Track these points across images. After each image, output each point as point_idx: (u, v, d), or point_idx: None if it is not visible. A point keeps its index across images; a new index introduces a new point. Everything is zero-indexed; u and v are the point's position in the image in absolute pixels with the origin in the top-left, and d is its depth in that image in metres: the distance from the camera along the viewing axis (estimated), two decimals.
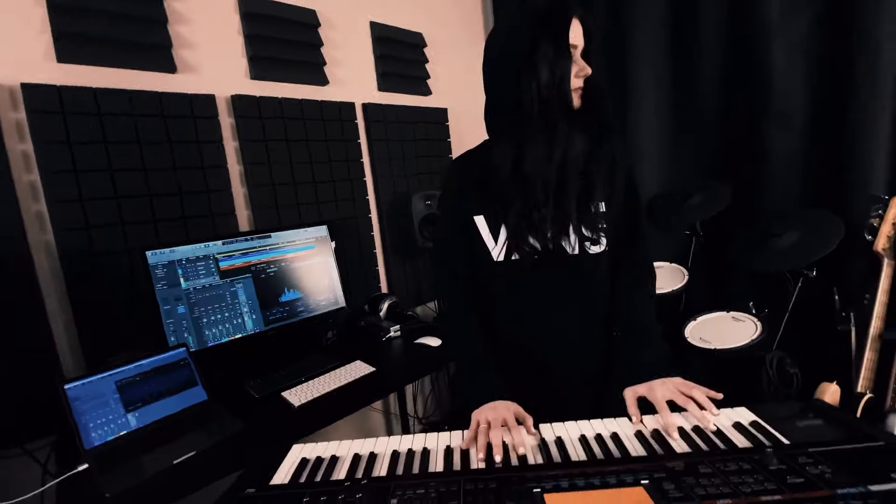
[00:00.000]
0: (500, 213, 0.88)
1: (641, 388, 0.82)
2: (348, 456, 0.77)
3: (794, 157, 1.68)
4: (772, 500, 0.54)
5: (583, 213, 0.86)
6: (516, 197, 0.86)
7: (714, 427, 0.72)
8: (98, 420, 1.14)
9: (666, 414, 0.76)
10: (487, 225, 0.91)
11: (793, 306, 1.59)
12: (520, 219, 0.86)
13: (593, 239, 0.88)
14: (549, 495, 0.59)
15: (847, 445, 0.63)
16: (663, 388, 0.80)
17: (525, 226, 0.86)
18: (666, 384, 0.81)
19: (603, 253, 0.91)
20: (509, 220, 0.87)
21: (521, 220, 0.86)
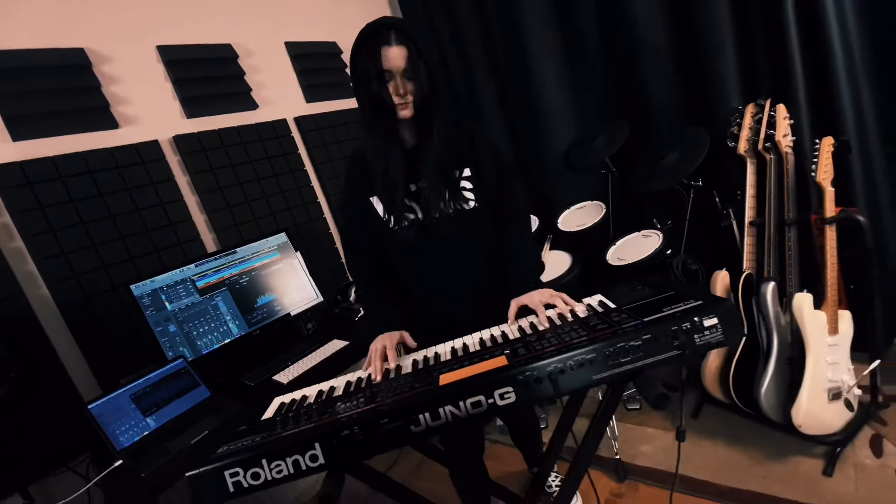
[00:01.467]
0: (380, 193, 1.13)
1: (523, 298, 1.06)
2: (314, 393, 1.02)
3: (669, 85, 1.94)
4: (579, 340, 0.80)
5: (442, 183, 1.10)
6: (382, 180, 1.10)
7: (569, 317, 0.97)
8: (122, 427, 1.37)
9: (541, 311, 1.01)
10: (381, 203, 1.15)
11: (690, 215, 1.86)
12: (391, 195, 1.11)
13: (462, 199, 1.12)
14: (443, 375, 0.84)
15: (647, 300, 0.89)
16: (539, 295, 1.04)
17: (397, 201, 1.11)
18: (541, 293, 1.05)
19: (476, 209, 1.14)
20: (384, 197, 1.12)
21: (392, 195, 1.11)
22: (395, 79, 1.01)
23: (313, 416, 0.85)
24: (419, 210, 1.12)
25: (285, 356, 1.74)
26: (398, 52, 0.99)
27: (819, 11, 1.53)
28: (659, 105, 1.98)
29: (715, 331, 0.76)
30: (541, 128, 2.35)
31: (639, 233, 1.94)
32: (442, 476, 1.39)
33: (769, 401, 1.53)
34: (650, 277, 1.04)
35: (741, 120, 1.68)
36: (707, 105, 1.85)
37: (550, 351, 0.79)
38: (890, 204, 1.69)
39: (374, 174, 1.11)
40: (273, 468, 0.77)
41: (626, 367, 0.75)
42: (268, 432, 0.84)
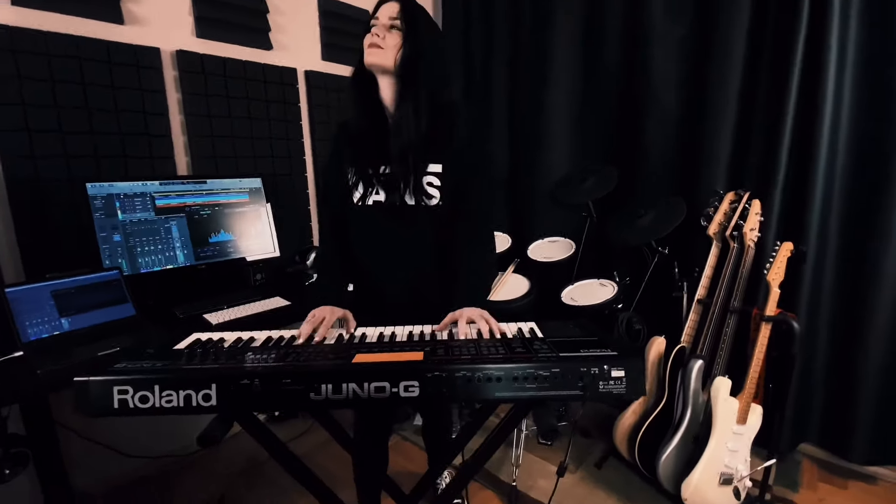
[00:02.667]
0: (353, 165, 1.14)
1: (456, 313, 1.04)
2: (233, 338, 1.01)
3: (665, 149, 2.01)
4: (495, 357, 0.82)
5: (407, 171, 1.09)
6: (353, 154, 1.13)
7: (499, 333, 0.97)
8: (34, 320, 1.33)
9: (462, 324, 1.00)
10: (353, 174, 1.15)
11: (648, 277, 1.92)
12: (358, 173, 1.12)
13: (425, 193, 1.10)
14: (359, 354, 0.85)
15: (572, 338, 0.92)
16: (469, 312, 1.03)
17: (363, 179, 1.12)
18: (473, 311, 1.03)
19: (437, 206, 1.11)
20: (352, 173, 1.14)
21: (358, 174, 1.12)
22: (378, 26, 1.06)
23: (220, 359, 0.84)
24: (383, 192, 1.13)
25: (223, 299, 1.71)
26: (391, 6, 1.06)
27: (816, 128, 1.62)
28: (652, 165, 2.05)
29: (619, 382, 0.79)
30: (539, 154, 2.39)
31: (597, 280, 2.00)
32: (344, 460, 1.39)
33: (666, 470, 1.59)
34: (585, 320, 1.07)
35: (719, 203, 1.75)
36: (694, 179, 1.93)
37: (465, 359, 0.81)
38: (828, 318, 1.79)
39: (353, 145, 1.13)
40: (164, 396, 0.76)
41: (529, 392, 0.78)
42: (171, 361, 0.83)
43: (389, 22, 1.06)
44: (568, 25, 2.20)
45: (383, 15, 1.06)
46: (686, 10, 1.89)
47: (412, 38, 1.06)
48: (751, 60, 1.77)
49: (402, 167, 1.09)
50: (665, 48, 1.93)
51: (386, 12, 1.06)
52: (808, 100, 1.64)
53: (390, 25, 1.06)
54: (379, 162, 1.12)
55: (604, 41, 2.13)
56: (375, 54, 1.05)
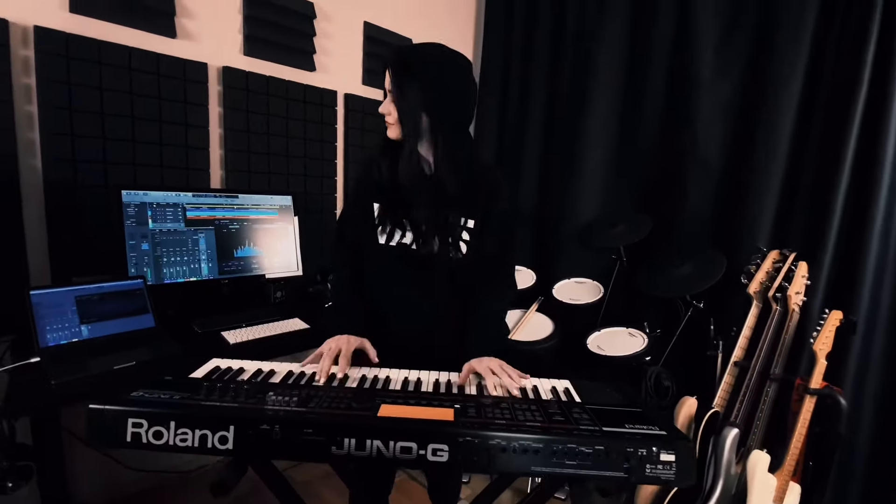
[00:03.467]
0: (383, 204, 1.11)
1: (474, 363, 1.00)
2: (253, 369, 0.97)
3: (706, 201, 1.94)
4: (532, 424, 0.76)
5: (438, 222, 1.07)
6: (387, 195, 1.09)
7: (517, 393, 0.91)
8: (54, 325, 1.31)
9: (489, 377, 0.95)
10: (379, 212, 1.12)
11: (681, 330, 1.83)
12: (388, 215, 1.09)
13: (455, 246, 1.09)
14: (384, 405, 0.80)
15: (614, 407, 0.86)
16: (490, 361, 0.99)
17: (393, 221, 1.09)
18: (492, 362, 0.99)
19: (463, 259, 1.10)
20: (381, 213, 1.10)
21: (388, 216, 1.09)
22: (386, 98, 1.05)
23: (240, 396, 0.80)
24: (411, 235, 1.09)
25: (243, 316, 1.68)
26: (388, 74, 1.03)
27: (872, 190, 1.54)
28: (689, 215, 1.98)
29: (668, 468, 0.72)
30: (571, 192, 2.35)
31: (626, 329, 1.91)
32: (344, 492, 1.33)
33: None
34: (623, 385, 1.01)
35: (761, 261, 1.67)
36: (734, 234, 1.85)
37: (500, 424, 0.75)
38: (875, 392, 1.67)
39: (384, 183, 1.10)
40: (178, 434, 0.72)
41: (568, 470, 0.71)
42: (189, 394, 0.79)
43: (390, 95, 1.03)
44: (610, 70, 2.18)
45: (386, 83, 1.04)
46: (736, 63, 1.85)
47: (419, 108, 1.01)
48: (804, 115, 1.71)
49: (434, 217, 1.07)
50: (711, 100, 1.89)
51: (387, 83, 1.03)
52: (865, 159, 1.56)
53: (392, 100, 1.03)
54: (410, 207, 1.09)
55: (646, 89, 2.09)
56: (390, 130, 1.06)
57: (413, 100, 1.00)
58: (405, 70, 1.01)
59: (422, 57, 1.02)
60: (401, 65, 1.02)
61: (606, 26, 2.16)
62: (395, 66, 1.02)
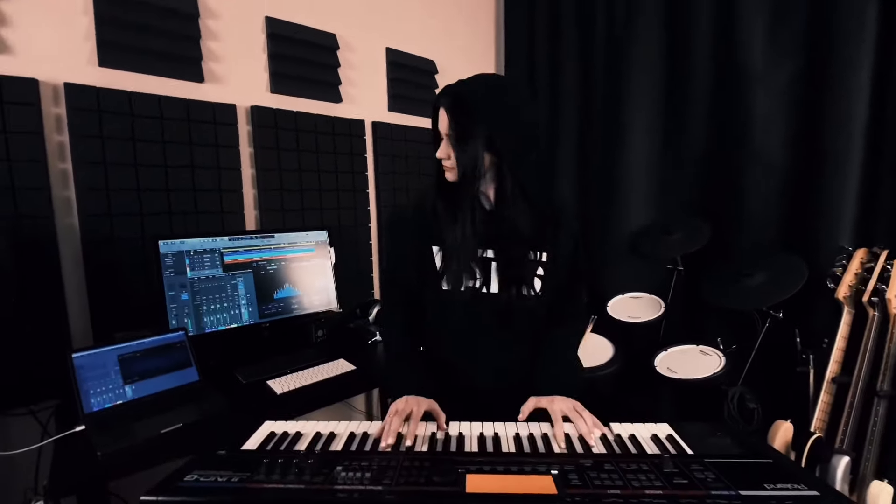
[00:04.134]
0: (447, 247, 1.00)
1: (544, 401, 0.91)
2: (311, 433, 0.87)
3: (771, 200, 1.78)
4: (654, 493, 0.63)
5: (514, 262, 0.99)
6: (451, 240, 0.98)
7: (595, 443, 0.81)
8: (98, 388, 1.25)
9: (559, 423, 0.85)
10: (442, 257, 1.02)
11: (759, 345, 1.66)
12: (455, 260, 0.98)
13: (529, 283, 0.99)
14: (470, 476, 0.68)
15: (738, 459, 0.72)
16: (562, 402, 0.89)
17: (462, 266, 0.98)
18: (566, 401, 0.90)
19: (536, 297, 1.01)
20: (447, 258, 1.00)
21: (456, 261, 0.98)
22: (442, 141, 0.97)
23: (304, 473, 0.70)
24: (480, 278, 0.99)
25: (286, 360, 1.60)
26: (443, 116, 0.96)
27: None
28: (753, 218, 1.82)
29: None
30: (614, 201, 2.22)
31: (696, 346, 1.75)
32: None
33: None
34: (731, 426, 0.86)
35: (847, 262, 1.50)
36: (808, 233, 1.68)
37: (614, 495, 0.62)
38: None
39: (443, 225, 1.00)
40: None
41: None
42: (248, 473, 0.70)
43: (448, 139, 0.96)
44: (647, 71, 2.06)
45: (441, 128, 0.96)
46: (790, 49, 1.71)
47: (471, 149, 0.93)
48: (878, 97, 1.55)
49: (510, 257, 0.98)
50: (766, 91, 1.74)
51: (442, 126, 0.96)
52: None
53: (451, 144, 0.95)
54: (478, 246, 1.00)
55: (689, 85, 1.96)
56: (449, 174, 0.98)
57: (476, 142, 0.92)
58: (464, 112, 0.92)
59: (481, 94, 0.93)
60: (459, 107, 0.93)
61: (639, 24, 2.06)
62: (454, 109, 0.93)
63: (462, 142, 0.92)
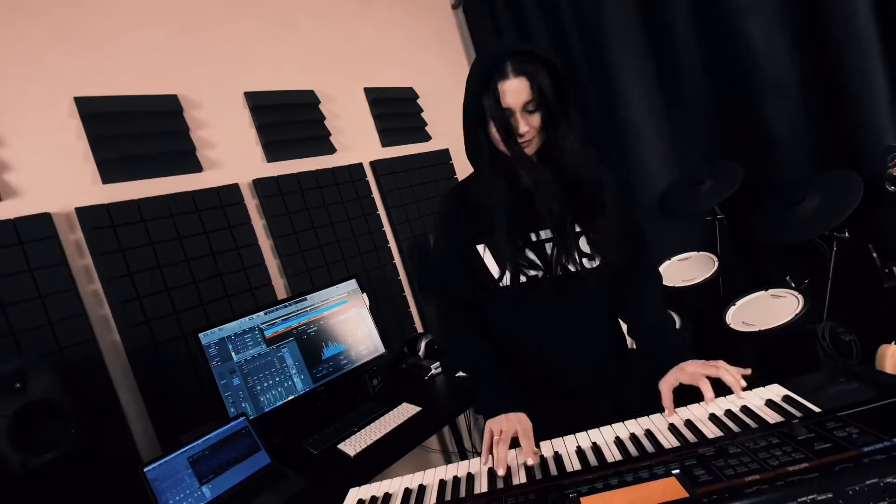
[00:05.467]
0: (495, 242, 0.94)
1: (671, 377, 0.84)
2: (399, 491, 0.82)
3: (797, 123, 1.67)
4: (799, 468, 0.55)
5: (571, 236, 0.92)
6: (503, 226, 0.91)
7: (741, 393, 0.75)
8: (177, 496, 1.23)
9: (707, 388, 0.79)
10: (490, 253, 0.96)
11: (833, 272, 1.53)
12: (512, 246, 0.92)
13: (589, 255, 0.93)
14: (585, 498, 0.61)
15: (876, 403, 0.63)
16: (692, 366, 0.83)
17: (517, 255, 0.92)
18: (693, 364, 0.84)
19: (600, 266, 0.94)
20: (502, 248, 0.92)
21: (513, 247, 0.92)
22: (514, 115, 0.86)
23: None
24: (540, 265, 0.93)
25: (351, 419, 1.56)
26: (517, 84, 0.84)
27: None
28: (783, 145, 1.71)
29: None
30: (631, 168, 2.13)
31: (766, 292, 1.63)
32: None
33: None
34: (852, 365, 0.77)
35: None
36: (850, 144, 1.57)
37: (753, 481, 0.54)
38: None
39: (484, 220, 0.94)
40: None
41: None
42: None
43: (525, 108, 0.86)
44: (625, 33, 2.01)
45: (514, 100, 0.85)
46: None
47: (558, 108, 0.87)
48: None
49: (566, 232, 0.92)
50: (760, 20, 1.66)
51: (516, 97, 0.85)
52: None
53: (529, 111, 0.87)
54: (527, 231, 0.94)
55: (672, 28, 1.89)
56: (531, 144, 0.89)
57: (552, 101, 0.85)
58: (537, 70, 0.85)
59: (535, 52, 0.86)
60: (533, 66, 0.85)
61: None
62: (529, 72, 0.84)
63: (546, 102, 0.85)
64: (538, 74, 0.84)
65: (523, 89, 0.84)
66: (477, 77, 0.88)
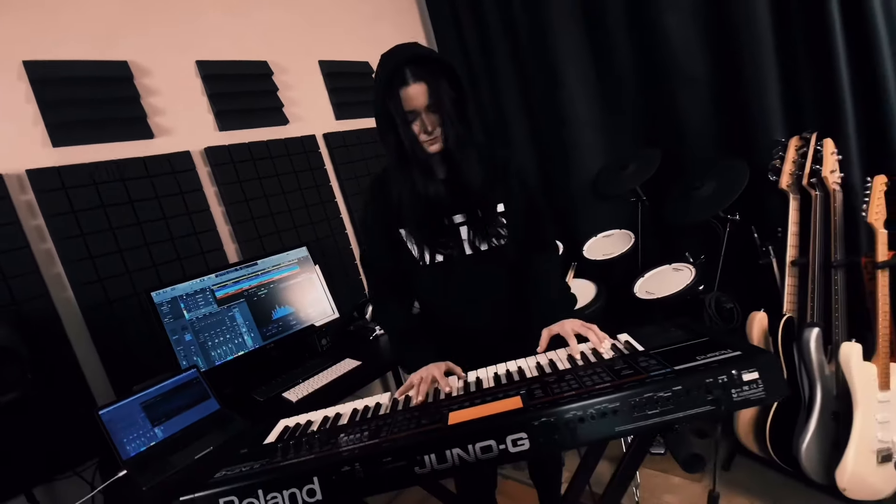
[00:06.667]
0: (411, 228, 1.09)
1: (555, 328, 1.01)
2: (319, 419, 0.98)
3: (706, 114, 1.87)
4: (603, 386, 0.73)
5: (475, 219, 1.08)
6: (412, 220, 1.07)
7: (607, 348, 0.92)
8: (130, 436, 1.36)
9: (573, 341, 0.96)
10: (410, 236, 1.11)
11: (725, 249, 1.76)
12: (423, 233, 1.08)
13: (496, 235, 1.09)
14: (452, 413, 0.79)
15: (679, 344, 0.82)
16: (570, 324, 1.00)
17: (431, 236, 1.08)
18: (573, 322, 1.00)
19: (506, 244, 1.11)
20: (416, 234, 1.09)
21: (425, 233, 1.08)
22: (419, 118, 0.97)
23: (315, 447, 0.80)
24: (452, 245, 1.09)
25: (297, 372, 1.71)
26: (417, 89, 0.94)
27: (870, 36, 1.44)
28: (694, 134, 1.91)
29: (755, 386, 0.68)
30: (569, 153, 2.31)
31: (669, 266, 1.85)
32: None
33: (810, 459, 1.40)
34: (681, 319, 0.97)
35: (784, 153, 1.59)
36: (746, 136, 1.77)
37: (570, 396, 0.73)
38: None
39: (403, 208, 1.08)
40: (269, 499, 0.73)
41: (652, 420, 0.68)
42: (267, 459, 0.81)
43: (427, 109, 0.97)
44: (567, 23, 2.14)
45: (416, 104, 0.95)
46: None
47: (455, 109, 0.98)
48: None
49: (474, 215, 1.08)
50: (677, 14, 1.82)
51: (417, 101, 0.95)
52: (853, 9, 1.47)
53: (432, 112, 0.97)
54: (441, 217, 1.09)
55: (608, 30, 2.05)
56: (437, 142, 1.00)
57: (448, 104, 0.96)
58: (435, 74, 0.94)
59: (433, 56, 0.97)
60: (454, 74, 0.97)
61: None
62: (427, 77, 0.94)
63: (444, 104, 0.95)
64: (436, 79, 0.95)
65: (422, 94, 0.94)
66: (381, 84, 0.97)
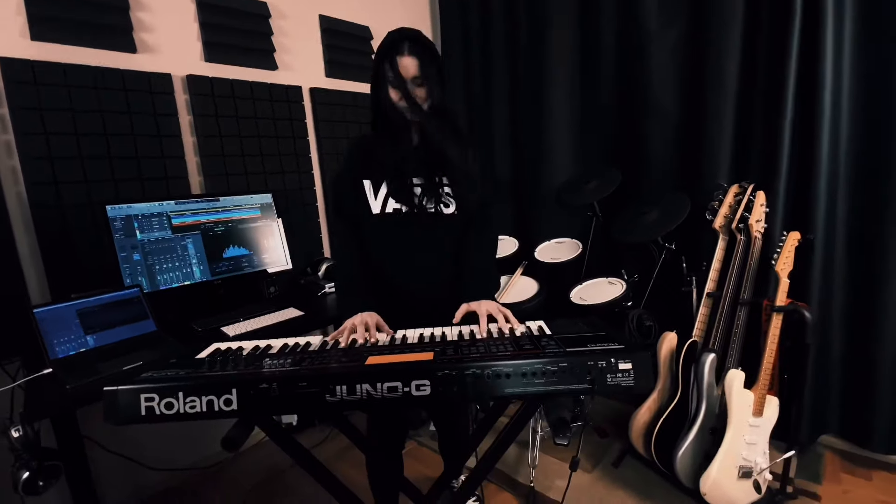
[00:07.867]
0: (378, 181, 1.20)
1: (473, 305, 1.12)
2: (250, 346, 1.05)
3: (667, 146, 2.03)
4: (504, 353, 0.84)
5: (431, 185, 1.19)
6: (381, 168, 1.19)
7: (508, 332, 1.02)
8: (61, 339, 1.38)
9: (483, 321, 1.06)
10: (371, 187, 1.22)
11: (657, 273, 1.93)
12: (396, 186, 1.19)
13: (446, 203, 1.21)
14: (371, 357, 0.88)
15: (579, 334, 0.94)
16: (486, 305, 1.10)
17: (393, 192, 1.19)
18: (490, 304, 1.11)
19: (454, 214, 1.22)
20: (376, 181, 1.20)
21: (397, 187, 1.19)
22: (405, 85, 1.13)
23: (239, 365, 0.88)
24: (405, 200, 1.19)
25: (239, 311, 1.76)
26: (410, 61, 1.12)
27: (816, 115, 1.62)
28: (654, 163, 2.07)
29: (627, 375, 0.81)
30: (543, 160, 2.43)
31: (605, 279, 2.01)
32: (363, 466, 1.42)
33: (684, 465, 1.58)
34: (594, 317, 1.09)
35: (723, 197, 1.76)
36: (697, 174, 1.94)
37: (474, 357, 0.83)
38: (842, 307, 1.78)
39: (378, 162, 1.19)
40: (188, 402, 0.80)
41: (537, 388, 0.80)
42: (194, 369, 0.87)
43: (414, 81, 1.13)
44: (563, 39, 2.25)
45: (407, 73, 1.12)
46: (679, 13, 1.92)
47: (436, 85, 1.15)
48: (747, 54, 1.79)
49: (434, 179, 1.19)
50: (661, 51, 1.96)
51: (408, 70, 1.12)
52: (807, 89, 1.64)
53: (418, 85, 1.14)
54: (402, 174, 1.19)
55: (599, 50, 2.18)
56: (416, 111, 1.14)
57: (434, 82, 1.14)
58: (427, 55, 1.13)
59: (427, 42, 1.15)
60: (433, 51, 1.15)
61: None
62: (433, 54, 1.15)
63: (430, 81, 1.14)
64: (424, 56, 1.13)
65: (413, 66, 1.13)
66: (382, 51, 1.15)
